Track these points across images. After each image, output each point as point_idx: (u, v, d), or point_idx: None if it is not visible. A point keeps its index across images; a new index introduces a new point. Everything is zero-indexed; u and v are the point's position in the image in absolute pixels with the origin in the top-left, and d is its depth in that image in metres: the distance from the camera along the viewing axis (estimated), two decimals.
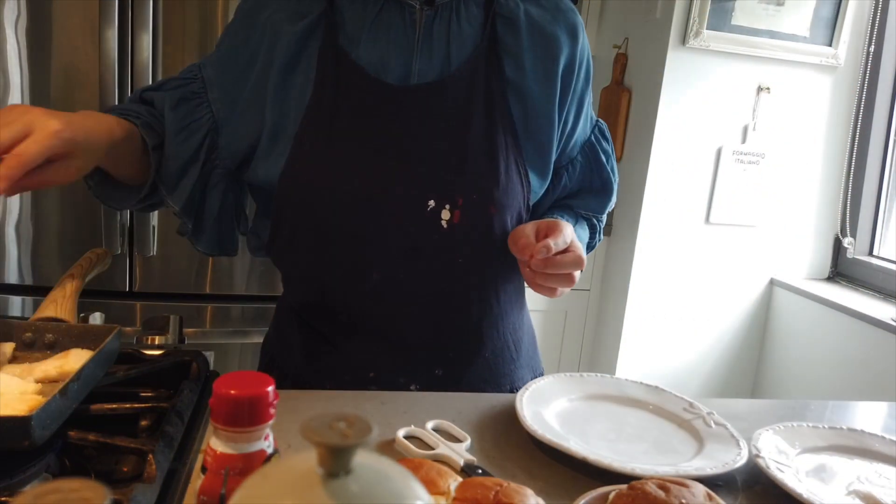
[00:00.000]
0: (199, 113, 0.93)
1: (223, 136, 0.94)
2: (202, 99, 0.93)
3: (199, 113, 0.93)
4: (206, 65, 0.95)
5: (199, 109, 0.93)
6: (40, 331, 0.79)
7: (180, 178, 0.92)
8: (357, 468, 0.35)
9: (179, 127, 0.91)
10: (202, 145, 0.93)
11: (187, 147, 0.92)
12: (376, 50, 0.90)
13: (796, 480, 0.75)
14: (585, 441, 0.82)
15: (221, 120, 0.93)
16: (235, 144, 0.94)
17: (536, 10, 0.94)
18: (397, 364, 0.95)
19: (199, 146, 0.92)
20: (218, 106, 0.93)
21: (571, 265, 0.88)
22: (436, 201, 0.89)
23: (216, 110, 0.93)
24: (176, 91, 0.93)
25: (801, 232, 2.48)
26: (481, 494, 0.62)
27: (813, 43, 2.29)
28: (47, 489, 0.32)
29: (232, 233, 1.01)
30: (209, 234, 0.98)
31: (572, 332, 2.57)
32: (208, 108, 0.93)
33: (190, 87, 0.93)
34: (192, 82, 0.94)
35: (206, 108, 0.93)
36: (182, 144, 0.91)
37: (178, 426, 0.70)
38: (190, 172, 0.92)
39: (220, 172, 0.95)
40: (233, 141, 0.94)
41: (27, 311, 1.81)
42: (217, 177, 0.95)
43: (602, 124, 1.07)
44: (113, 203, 0.95)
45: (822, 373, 2.29)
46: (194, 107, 0.93)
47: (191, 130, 0.92)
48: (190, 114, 0.92)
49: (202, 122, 0.93)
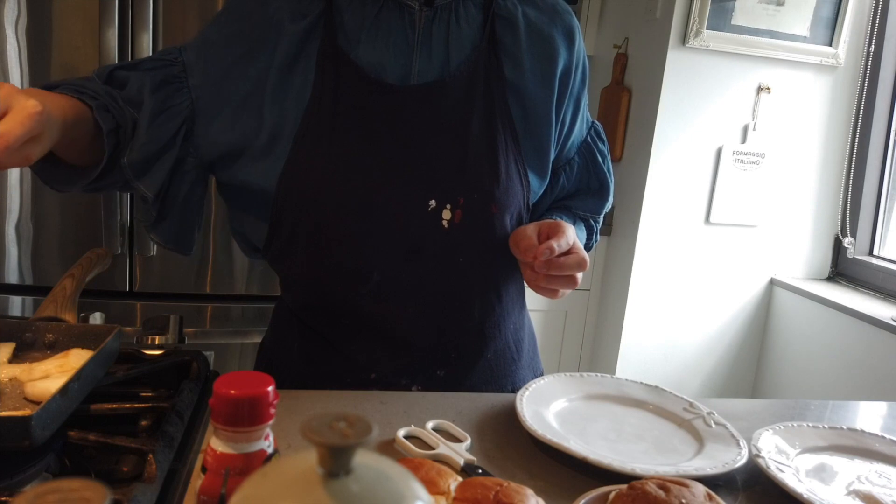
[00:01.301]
0: (178, 98, 0.89)
1: (199, 124, 0.90)
2: (182, 84, 0.90)
3: (179, 98, 0.89)
4: (187, 48, 0.91)
5: (178, 94, 0.89)
6: (40, 330, 0.79)
7: (153, 162, 0.88)
8: (357, 468, 0.35)
9: (159, 110, 0.88)
10: (178, 132, 0.89)
11: (164, 131, 0.88)
12: (376, 50, 0.90)
13: (796, 480, 0.75)
14: (585, 441, 0.82)
15: (200, 108, 0.90)
16: (217, 137, 0.90)
17: (534, 11, 0.95)
18: (399, 365, 0.95)
19: (175, 132, 0.89)
20: (198, 93, 0.90)
21: (575, 267, 0.88)
22: (436, 201, 0.89)
23: (195, 97, 0.90)
24: (156, 73, 0.89)
25: (802, 232, 2.48)
26: (481, 494, 0.62)
27: (813, 43, 2.29)
28: (47, 489, 0.32)
29: (192, 229, 0.97)
30: (170, 225, 0.94)
31: (572, 332, 2.57)
32: (188, 94, 0.90)
33: (170, 70, 0.90)
34: (171, 65, 0.90)
35: (185, 94, 0.89)
36: (159, 128, 0.87)
37: (178, 426, 0.70)
38: (164, 158, 0.89)
39: (192, 161, 0.92)
40: (214, 133, 0.90)
41: (27, 310, 1.81)
42: (188, 165, 0.92)
43: (598, 125, 1.07)
44: (57, 185, 0.87)
45: (822, 373, 2.29)
46: (174, 91, 0.89)
47: (169, 115, 0.88)
48: (169, 98, 0.89)
49: (181, 107, 0.89)
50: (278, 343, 1.04)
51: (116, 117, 0.84)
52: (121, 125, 0.85)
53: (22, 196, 1.77)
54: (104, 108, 0.83)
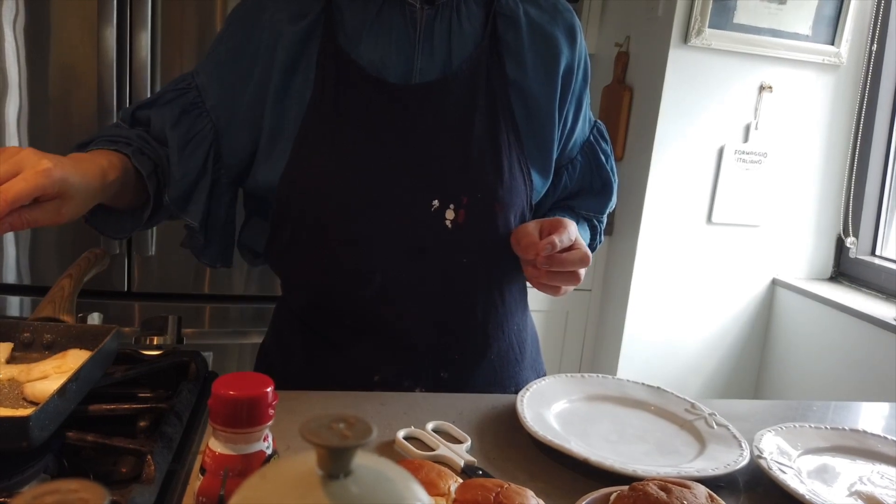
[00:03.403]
0: (200, 124, 0.91)
1: (224, 144, 0.92)
2: (201, 109, 0.91)
3: (201, 124, 0.91)
4: (198, 72, 0.93)
5: (199, 121, 0.91)
6: (38, 331, 0.79)
7: (191, 193, 0.90)
8: (357, 469, 0.35)
9: (185, 142, 0.89)
10: (208, 156, 0.91)
11: (195, 161, 0.90)
12: (377, 49, 0.89)
13: (798, 481, 0.75)
14: (587, 442, 0.81)
15: (221, 128, 0.91)
16: (238, 151, 0.92)
17: (535, 10, 0.95)
18: (402, 367, 0.94)
19: (205, 158, 0.91)
20: (217, 114, 0.91)
21: (578, 262, 0.87)
22: (440, 201, 0.88)
23: (215, 118, 0.91)
24: (174, 105, 0.91)
25: (804, 232, 2.47)
26: (482, 496, 0.61)
27: (815, 41, 2.28)
28: (45, 490, 0.32)
29: (233, 244, 1.00)
30: (216, 246, 0.97)
31: (573, 333, 2.57)
32: (208, 117, 0.91)
33: (187, 98, 0.91)
34: (186, 92, 0.92)
35: (206, 118, 0.91)
36: (189, 159, 0.89)
37: (176, 427, 0.70)
38: (201, 186, 0.91)
39: (225, 182, 0.94)
40: (235, 147, 0.92)
41: (25, 311, 1.80)
42: (222, 186, 0.94)
43: (600, 125, 1.07)
44: (112, 233, 0.92)
45: (824, 373, 2.29)
46: (194, 118, 0.91)
47: (196, 143, 0.90)
48: (192, 127, 0.90)
49: (204, 132, 0.91)
50: (279, 345, 1.03)
51: (153, 158, 0.88)
52: (158, 165, 0.88)
53: None
54: (140, 151, 0.86)
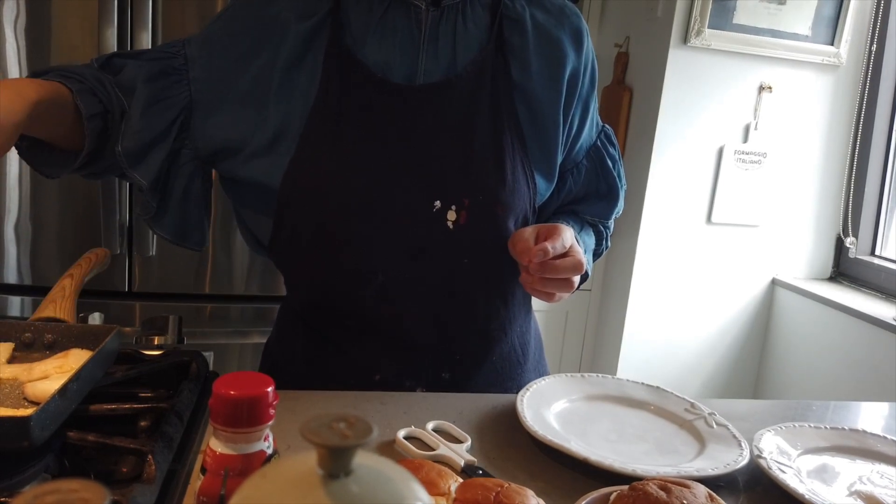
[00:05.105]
0: (176, 89, 0.90)
1: (197, 117, 0.91)
2: (182, 76, 0.90)
3: (177, 90, 0.90)
4: (191, 42, 0.92)
5: (177, 86, 0.90)
6: (39, 331, 0.79)
7: (147, 151, 0.89)
8: (357, 469, 0.35)
9: (155, 99, 0.88)
10: (174, 122, 0.90)
11: (159, 121, 0.89)
12: (382, 50, 0.89)
13: (798, 481, 0.75)
14: (586, 442, 0.81)
15: (198, 101, 0.90)
16: (214, 132, 0.91)
17: (541, 13, 0.94)
18: (403, 367, 0.94)
19: (171, 122, 0.89)
20: (197, 86, 0.90)
21: (570, 270, 0.87)
22: (442, 202, 0.88)
23: (194, 90, 0.90)
24: (154, 63, 0.90)
25: (803, 232, 2.47)
26: (482, 495, 0.62)
27: (815, 42, 2.28)
28: (46, 490, 0.32)
29: (199, 222, 0.97)
30: (172, 218, 0.94)
31: (573, 333, 2.57)
32: (187, 86, 0.90)
33: (171, 62, 0.91)
34: (173, 57, 0.91)
35: (184, 86, 0.90)
36: (153, 116, 0.88)
37: (177, 427, 0.70)
38: (159, 147, 0.89)
39: (188, 153, 0.92)
40: (210, 128, 0.91)
41: (26, 311, 1.80)
42: (185, 157, 0.92)
43: (609, 130, 1.07)
44: (45, 169, 0.89)
45: (823, 373, 2.29)
46: (173, 82, 0.90)
47: (165, 105, 0.89)
48: (167, 88, 0.89)
49: (178, 98, 0.90)
50: (282, 344, 1.03)
51: (104, 101, 0.85)
52: (108, 110, 0.86)
53: (21, 196, 1.76)
54: (90, 91, 0.84)
